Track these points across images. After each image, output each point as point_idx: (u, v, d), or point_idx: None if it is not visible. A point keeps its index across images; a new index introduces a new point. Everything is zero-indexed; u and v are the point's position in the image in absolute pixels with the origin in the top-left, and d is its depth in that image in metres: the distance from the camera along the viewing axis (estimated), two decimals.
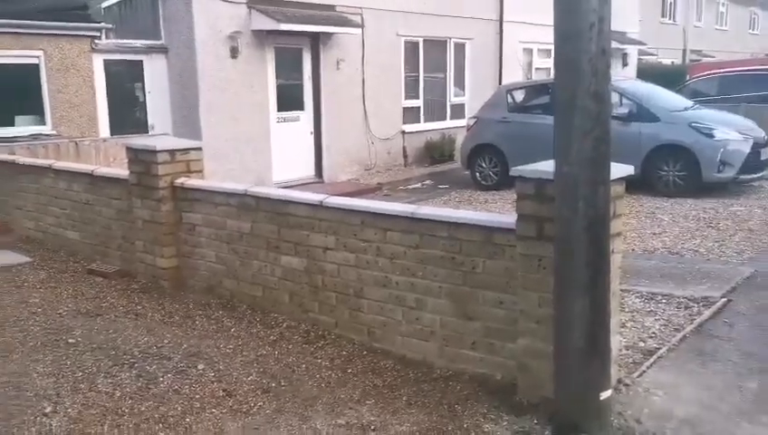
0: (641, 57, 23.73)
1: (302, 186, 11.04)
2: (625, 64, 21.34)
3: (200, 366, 4.19)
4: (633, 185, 9.75)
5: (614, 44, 19.98)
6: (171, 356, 4.32)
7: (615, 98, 10.79)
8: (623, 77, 15.36)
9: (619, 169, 3.50)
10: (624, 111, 10.22)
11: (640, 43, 22.07)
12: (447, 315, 4.11)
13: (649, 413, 3.48)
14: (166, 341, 4.57)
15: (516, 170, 3.59)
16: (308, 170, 12.50)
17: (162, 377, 4.04)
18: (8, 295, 5.43)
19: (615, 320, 3.67)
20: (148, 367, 4.16)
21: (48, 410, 3.64)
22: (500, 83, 15.54)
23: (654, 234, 7.73)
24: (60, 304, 5.26)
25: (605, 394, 3.27)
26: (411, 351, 4.29)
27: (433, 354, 4.20)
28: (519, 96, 12.02)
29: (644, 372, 3.95)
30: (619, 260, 3.73)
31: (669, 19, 29.41)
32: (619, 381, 3.78)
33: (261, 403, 3.76)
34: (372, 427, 3.50)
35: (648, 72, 19.85)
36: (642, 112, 10.15)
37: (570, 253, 3.19)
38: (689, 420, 3.43)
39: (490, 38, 16.05)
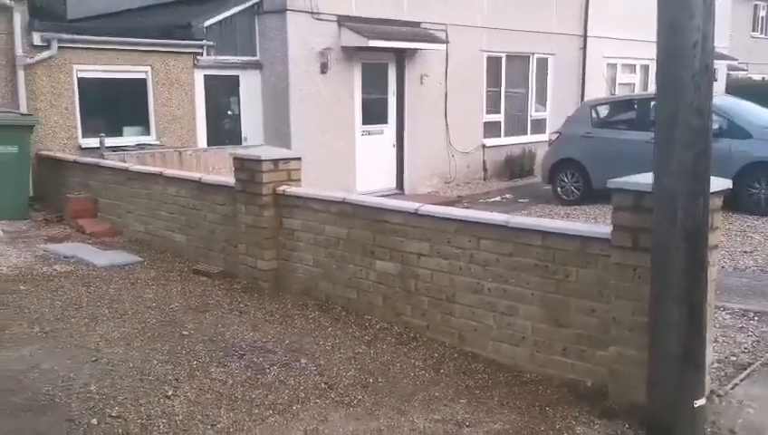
0: (730, 72, 22.98)
1: (384, 197, 11.33)
2: (714, 80, 20.66)
3: (302, 360, 4.49)
4: (723, 202, 9.63)
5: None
6: (275, 350, 4.64)
7: None
8: (715, 93, 14.95)
9: (718, 183, 3.57)
10: (714, 126, 9.98)
11: (731, 58, 21.38)
12: (539, 322, 4.26)
13: (743, 424, 3.52)
14: (269, 336, 4.90)
15: (614, 182, 3.72)
16: (390, 182, 12.81)
17: (269, 369, 4.35)
18: (125, 291, 5.91)
19: (710, 331, 3.73)
20: (255, 359, 4.49)
21: (170, 393, 4.00)
22: (582, 99, 15.46)
23: (745, 252, 7.59)
24: (171, 300, 5.69)
25: (699, 402, 3.34)
26: (502, 355, 4.45)
27: (523, 359, 4.34)
28: (603, 111, 11.97)
29: (737, 384, 3.97)
30: (715, 273, 3.79)
31: (761, 33, 28.33)
32: (712, 392, 3.82)
33: (360, 397, 4.00)
34: (467, 423, 3.68)
35: (738, 88, 19.20)
36: (733, 128, 9.95)
37: (667, 263, 3.30)
38: None
39: (573, 53, 15.99)
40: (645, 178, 3.51)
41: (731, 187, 3.74)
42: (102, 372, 4.26)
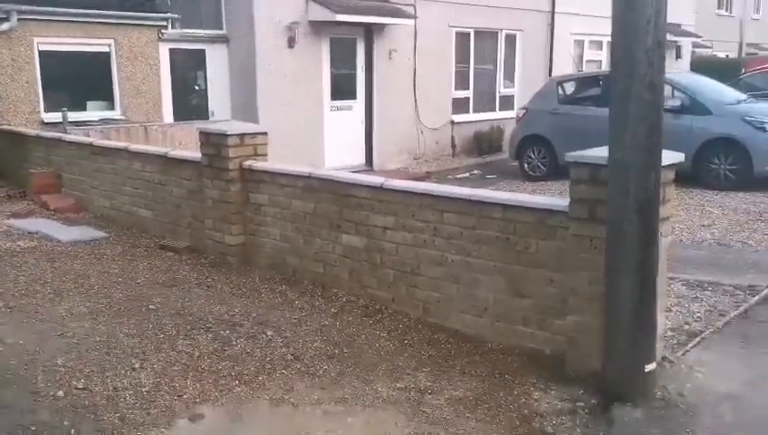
0: (695, 50, 23.32)
1: (353, 173, 11.36)
2: (678, 57, 21.03)
3: (269, 333, 4.55)
4: (684, 178, 9.84)
5: (668, 36, 19.75)
6: (242, 323, 4.69)
7: (667, 90, 10.82)
8: (676, 70, 15.22)
9: (670, 156, 3.69)
10: (676, 103, 10.22)
11: (695, 35, 21.70)
12: (500, 293, 4.37)
13: (692, 388, 3.69)
14: (236, 310, 4.95)
15: (571, 156, 3.82)
16: (359, 158, 12.83)
17: (235, 341, 4.41)
18: (90, 266, 5.89)
19: (662, 300, 3.87)
20: (222, 332, 4.53)
21: (136, 365, 4.03)
22: (550, 75, 15.58)
23: (703, 226, 7.80)
24: (137, 275, 5.69)
25: (649, 367, 3.49)
26: (465, 326, 4.56)
27: (486, 329, 4.46)
28: (570, 88, 12.10)
29: (688, 351, 4.15)
30: (667, 244, 3.93)
31: (726, 11, 28.73)
32: (664, 358, 3.98)
33: (326, 367, 4.09)
34: (429, 391, 3.79)
35: (703, 66, 19.53)
36: (694, 105, 10.15)
37: (620, 234, 3.42)
38: (730, 394, 3.63)
39: (541, 30, 16.09)
40: (601, 152, 3.61)
41: (683, 160, 3.85)
42: (68, 345, 4.27)
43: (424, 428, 3.41)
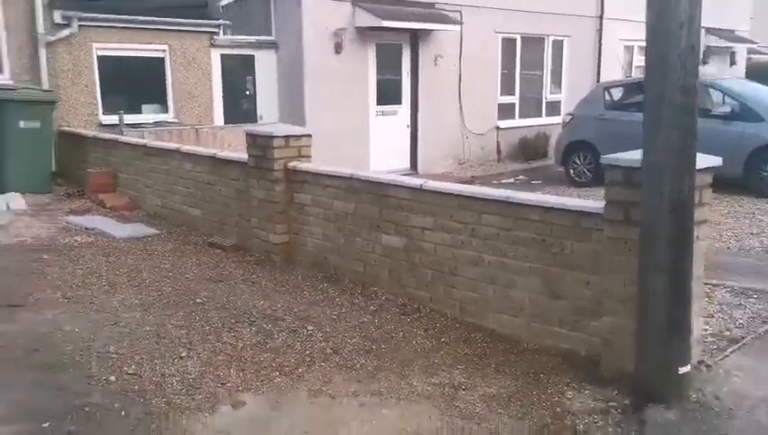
0: (752, 56, 22.70)
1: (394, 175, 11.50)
2: (733, 63, 20.53)
3: (309, 327, 4.70)
4: (734, 185, 9.70)
5: (722, 43, 19.33)
6: (284, 318, 4.86)
7: (718, 97, 10.64)
8: (729, 76, 14.89)
9: (706, 160, 3.69)
10: (726, 109, 10.05)
11: (750, 41, 21.15)
12: (536, 294, 4.42)
13: (728, 392, 3.67)
14: (279, 305, 5.12)
15: (606, 158, 3.86)
16: (403, 162, 12.95)
17: (277, 334, 4.57)
18: (143, 261, 6.16)
19: (698, 303, 3.87)
20: (264, 325, 4.71)
21: (183, 354, 4.23)
22: (598, 81, 15.43)
23: (752, 234, 7.67)
24: (186, 271, 5.93)
25: (683, 369, 3.50)
26: (501, 325, 4.63)
27: (521, 329, 4.51)
28: (616, 94, 11.99)
29: (726, 356, 4.12)
30: (704, 247, 3.92)
31: None
32: (701, 362, 3.97)
33: (363, 361, 4.21)
34: (463, 387, 3.88)
35: (759, 72, 19.02)
36: (746, 112, 9.97)
37: (654, 235, 3.45)
38: (767, 398, 3.60)
39: (589, 35, 15.95)
40: (635, 155, 3.64)
41: (720, 164, 3.84)
42: (120, 334, 4.51)
43: (456, 422, 3.50)
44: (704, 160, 3.66)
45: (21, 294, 5.23)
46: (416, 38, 12.64)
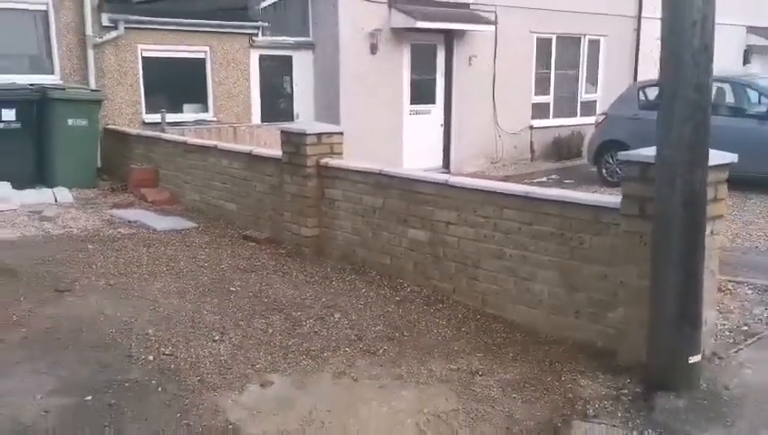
0: None
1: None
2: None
3: (336, 316, 4.91)
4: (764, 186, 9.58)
5: (763, 42, 18.95)
6: (312, 306, 5.08)
7: (754, 96, 10.54)
8: (766, 75, 14.63)
9: (721, 156, 3.78)
10: (762, 109, 9.95)
11: None
12: (555, 286, 4.55)
13: (738, 382, 3.76)
14: (308, 294, 5.35)
15: (623, 155, 3.99)
16: (436, 161, 13.11)
17: (305, 321, 4.80)
18: (181, 252, 6.46)
19: (711, 296, 3.96)
20: (293, 313, 4.94)
21: (216, 338, 4.49)
22: (635, 80, 15.32)
23: None
24: (221, 261, 6.20)
25: (693, 359, 3.60)
26: (520, 317, 4.77)
27: (540, 321, 4.65)
28: (651, 94, 11.90)
29: (741, 349, 4.19)
30: (719, 242, 4.01)
31: None
32: (714, 353, 4.05)
33: (386, 347, 4.40)
34: (480, 373, 4.04)
35: None
36: None
37: (667, 228, 3.56)
38: None
39: (626, 35, 15.86)
40: (651, 151, 3.75)
41: (735, 160, 3.91)
42: (159, 318, 4.79)
43: (471, 404, 3.66)
44: (718, 157, 3.75)
45: (67, 280, 5.56)
46: (450, 38, 12.78)
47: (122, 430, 3.38)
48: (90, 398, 3.66)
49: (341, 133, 6.54)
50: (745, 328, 4.62)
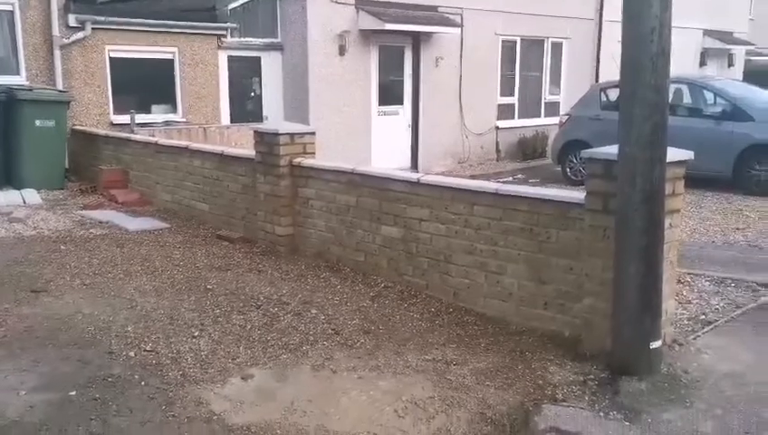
0: (752, 58, 22.98)
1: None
2: (731, 65, 20.84)
3: (313, 311, 5.03)
4: (724, 184, 10.01)
5: (719, 45, 19.62)
6: (289, 302, 5.19)
7: (710, 97, 10.96)
8: (722, 77, 15.21)
9: (678, 153, 4.02)
10: (717, 110, 10.38)
11: (748, 43, 21.44)
12: (524, 279, 4.75)
13: (697, 366, 4.00)
14: (284, 291, 5.45)
15: (587, 152, 4.19)
16: (404, 161, 13.29)
17: (283, 317, 4.91)
18: (155, 252, 6.50)
19: (670, 286, 4.19)
20: (271, 309, 5.05)
21: (196, 334, 4.57)
22: (596, 82, 15.73)
23: (737, 229, 7.97)
24: (196, 260, 6.27)
25: (654, 344, 3.82)
26: (491, 309, 4.95)
27: (510, 313, 4.84)
28: (613, 94, 12.26)
29: (699, 336, 4.44)
30: (677, 234, 4.25)
31: None
32: (674, 340, 4.29)
33: (362, 340, 4.54)
34: (454, 362, 4.20)
35: (757, 73, 19.31)
36: (736, 112, 10.28)
37: (628, 222, 3.77)
38: (732, 373, 3.93)
39: (588, 37, 16.27)
40: (613, 149, 3.96)
41: (692, 158, 4.15)
42: (137, 316, 4.85)
43: (447, 392, 3.82)
44: (675, 154, 3.98)
45: (42, 280, 5.58)
46: (417, 40, 12.98)
47: (108, 421, 3.45)
48: (74, 393, 3.73)
49: (314, 133, 6.66)
50: (703, 317, 4.88)
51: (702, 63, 19.68)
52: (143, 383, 3.86)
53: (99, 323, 4.72)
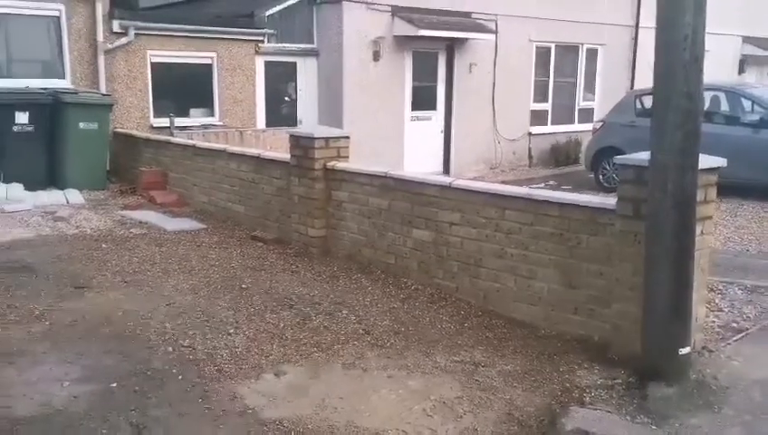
0: None
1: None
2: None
3: (344, 311, 5.14)
4: (761, 192, 9.83)
5: (759, 52, 19.27)
6: (321, 302, 5.31)
7: (747, 105, 10.80)
8: (760, 84, 14.93)
9: (710, 160, 4.03)
10: (755, 118, 10.22)
11: None
12: (554, 284, 4.78)
13: (727, 373, 3.99)
14: (316, 292, 5.57)
15: (619, 159, 4.23)
16: (436, 166, 13.35)
17: (315, 317, 5.02)
18: (192, 252, 6.69)
19: (701, 293, 4.20)
20: (303, 309, 5.16)
21: (231, 331, 4.71)
22: (632, 88, 15.60)
23: None
24: (231, 261, 6.43)
25: (684, 350, 3.83)
26: (520, 313, 5.00)
27: (539, 317, 4.88)
28: (648, 101, 12.13)
29: (729, 343, 4.42)
30: (709, 241, 4.25)
31: None
32: (704, 347, 4.29)
33: (393, 341, 4.63)
34: (482, 364, 4.26)
35: None
36: None
37: (658, 227, 3.79)
38: (762, 381, 3.91)
39: (624, 44, 16.14)
40: (645, 155, 3.99)
41: (725, 165, 4.15)
42: (175, 313, 5.01)
43: (474, 392, 3.89)
44: (708, 161, 3.99)
45: (85, 277, 5.79)
46: (451, 46, 13.04)
47: (148, 413, 3.60)
48: (115, 385, 3.89)
49: (348, 137, 6.78)
50: (734, 325, 4.85)
51: (741, 71, 19.34)
52: (180, 377, 4.00)
53: (138, 318, 4.89)
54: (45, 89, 9.11)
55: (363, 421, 3.57)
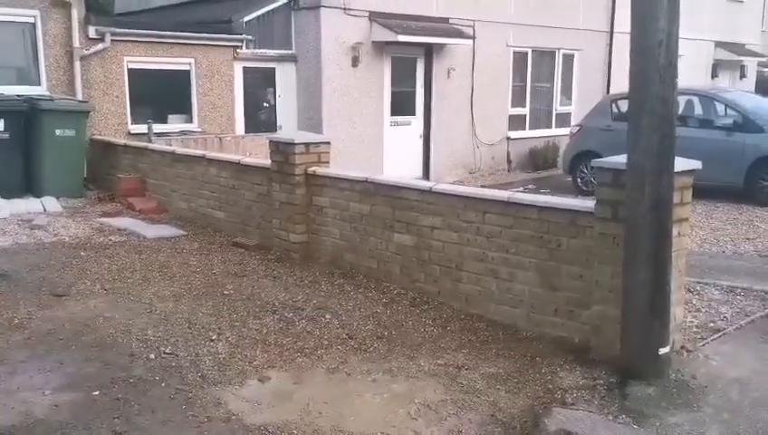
0: (764, 69, 23.00)
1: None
2: (743, 76, 20.85)
3: (327, 316, 5.14)
4: (735, 195, 10.03)
5: (731, 56, 19.66)
6: (304, 308, 5.31)
7: (721, 109, 11.02)
8: (732, 89, 15.25)
9: (686, 163, 4.11)
10: (728, 121, 10.43)
11: (760, 55, 21.45)
12: (534, 286, 4.84)
13: (705, 372, 4.07)
14: (299, 297, 5.57)
15: (597, 162, 4.29)
16: (416, 171, 13.40)
17: (298, 322, 5.02)
18: (172, 258, 6.65)
19: (679, 293, 4.27)
20: (286, 314, 5.16)
21: (214, 337, 4.69)
22: (608, 93, 15.81)
23: (748, 239, 8.02)
24: (213, 267, 6.40)
25: (663, 350, 3.90)
26: (502, 316, 5.04)
27: (521, 319, 4.93)
28: (624, 106, 12.34)
29: (707, 343, 4.51)
30: (686, 243, 4.33)
31: None
32: (683, 347, 4.36)
33: (376, 345, 4.64)
34: (466, 367, 4.30)
35: None
36: (747, 123, 10.33)
37: (636, 229, 3.86)
38: (739, 379, 4.00)
39: (600, 49, 16.36)
40: (622, 158, 4.06)
41: (699, 167, 4.23)
42: (156, 320, 4.98)
43: (458, 395, 3.92)
44: (683, 164, 4.08)
45: (64, 285, 5.73)
46: (430, 52, 13.12)
47: (131, 420, 3.57)
48: (97, 393, 3.86)
49: (329, 143, 6.79)
50: (712, 325, 4.95)
51: (714, 75, 19.71)
52: (164, 384, 3.98)
53: (120, 326, 4.85)
54: (21, 96, 8.99)
55: (348, 425, 3.58)
